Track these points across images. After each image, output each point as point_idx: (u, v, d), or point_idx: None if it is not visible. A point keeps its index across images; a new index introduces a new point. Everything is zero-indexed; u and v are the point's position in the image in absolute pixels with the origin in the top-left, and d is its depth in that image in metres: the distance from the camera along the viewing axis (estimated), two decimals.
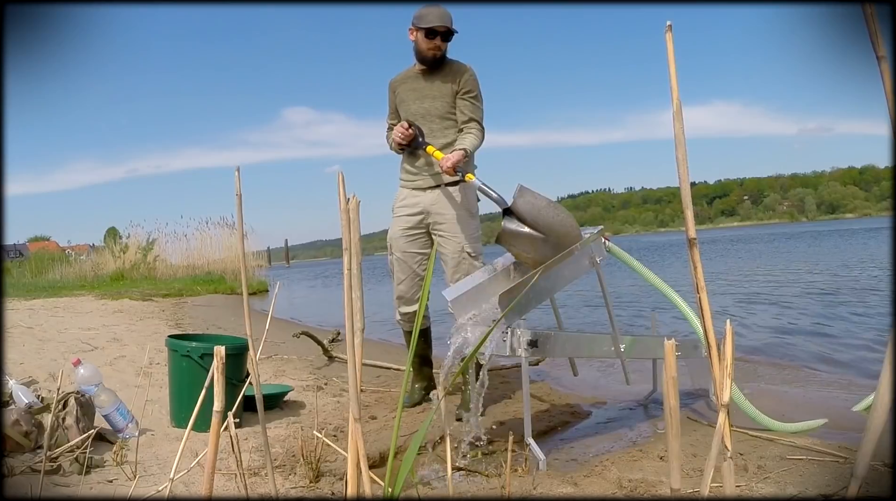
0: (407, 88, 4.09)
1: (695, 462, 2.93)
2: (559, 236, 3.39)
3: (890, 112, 1.12)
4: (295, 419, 3.89)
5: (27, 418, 3.01)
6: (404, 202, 4.12)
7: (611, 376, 5.04)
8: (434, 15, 3.89)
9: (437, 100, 4.01)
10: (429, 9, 3.92)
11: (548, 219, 3.39)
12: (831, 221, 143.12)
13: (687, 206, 1.15)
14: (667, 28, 1.11)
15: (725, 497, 1.16)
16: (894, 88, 1.13)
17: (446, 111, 4.02)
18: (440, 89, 4.01)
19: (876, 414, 1.16)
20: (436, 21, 3.88)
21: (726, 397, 1.12)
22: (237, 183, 1.52)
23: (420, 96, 4.04)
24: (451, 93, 4.01)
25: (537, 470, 2.92)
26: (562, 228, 3.42)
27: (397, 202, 4.16)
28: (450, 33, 3.95)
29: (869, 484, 2.39)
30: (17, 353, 5.94)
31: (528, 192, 3.43)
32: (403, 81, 4.13)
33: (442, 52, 3.98)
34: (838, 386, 4.52)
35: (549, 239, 3.38)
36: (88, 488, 2.61)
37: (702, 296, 1.15)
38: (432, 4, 3.95)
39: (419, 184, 4.07)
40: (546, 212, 3.41)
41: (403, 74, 4.16)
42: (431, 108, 4.01)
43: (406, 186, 4.14)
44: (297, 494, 2.62)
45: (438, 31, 3.90)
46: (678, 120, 1.13)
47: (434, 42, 3.92)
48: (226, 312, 11.69)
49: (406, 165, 4.15)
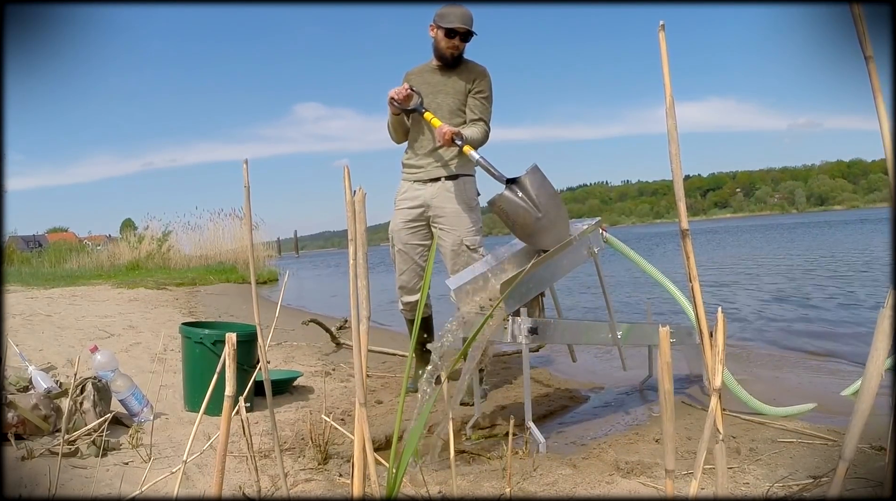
0: (422, 80, 4.06)
1: (689, 444, 2.94)
2: (551, 221, 3.38)
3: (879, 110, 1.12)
4: (304, 404, 3.90)
5: (46, 402, 3.02)
6: (405, 195, 4.12)
7: (608, 362, 5.04)
8: (455, 15, 3.89)
9: (451, 96, 4.01)
10: (451, 8, 3.91)
11: (548, 202, 3.37)
12: (820, 212, 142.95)
13: (680, 198, 1.15)
14: (660, 28, 1.11)
15: (716, 497, 1.17)
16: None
17: (458, 107, 4.01)
18: (454, 86, 4.01)
19: (863, 399, 1.16)
20: (457, 22, 3.88)
21: (718, 382, 1.12)
22: (245, 175, 1.52)
23: (434, 90, 4.02)
24: (464, 91, 4.01)
25: (537, 453, 2.92)
26: (556, 216, 3.41)
27: (399, 195, 4.16)
28: (469, 34, 3.94)
29: (857, 466, 2.39)
30: (37, 340, 5.96)
31: (541, 173, 3.42)
32: (419, 74, 4.11)
33: (460, 52, 3.99)
34: (827, 372, 4.52)
35: (542, 221, 3.35)
36: (105, 470, 2.62)
37: (694, 285, 1.15)
38: (455, 4, 3.93)
39: (420, 177, 4.06)
40: (550, 196, 3.39)
41: (420, 68, 4.14)
42: (444, 103, 4.00)
43: (407, 179, 4.13)
44: (307, 476, 2.63)
45: (458, 31, 3.89)
46: (671, 116, 1.12)
47: (453, 42, 3.93)
48: (238, 300, 11.70)
49: (408, 159, 4.14)
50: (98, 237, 33.26)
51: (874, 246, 17.23)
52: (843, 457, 1.17)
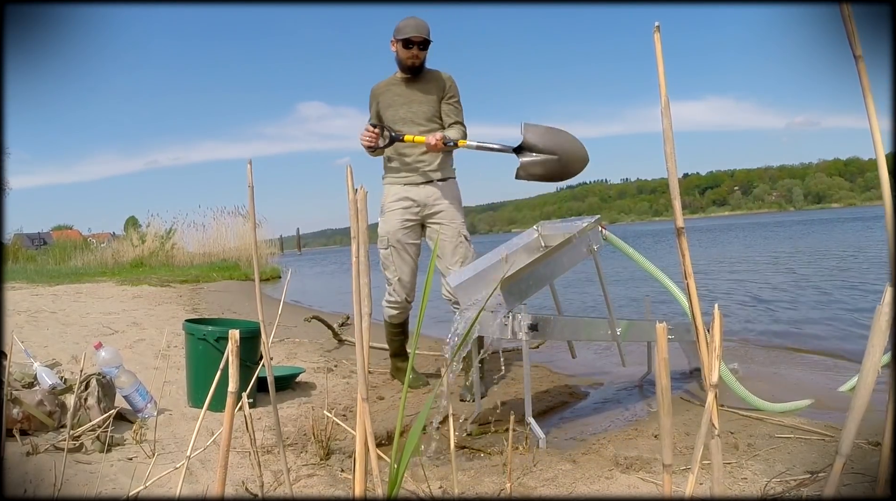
0: (392, 93, 4.22)
1: (687, 439, 2.94)
2: (567, 152, 3.89)
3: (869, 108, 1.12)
4: (306, 400, 3.90)
5: (51, 398, 3.02)
6: (397, 197, 4.22)
7: (607, 358, 5.04)
8: (410, 27, 4.04)
9: (424, 104, 4.17)
10: (406, 21, 4.07)
11: (555, 140, 3.87)
12: (818, 210, 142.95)
13: (675, 197, 1.15)
14: (655, 29, 1.11)
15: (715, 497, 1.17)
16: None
17: (432, 114, 4.18)
18: (426, 94, 4.18)
19: (860, 395, 1.16)
20: (412, 32, 4.03)
21: (714, 377, 1.13)
22: (249, 175, 1.52)
23: (408, 100, 4.18)
24: (436, 98, 4.19)
25: (537, 448, 2.93)
26: (568, 143, 3.91)
27: (388, 199, 4.26)
28: (426, 43, 4.10)
29: (853, 462, 2.40)
30: (42, 337, 5.97)
31: (532, 125, 3.88)
32: (387, 88, 4.26)
33: (421, 61, 4.14)
34: (824, 368, 4.52)
35: (562, 157, 3.86)
36: (109, 465, 2.63)
37: (689, 282, 1.15)
38: (410, 17, 4.09)
39: (412, 180, 4.20)
40: (550, 135, 3.89)
41: (387, 82, 4.29)
42: (419, 110, 4.17)
43: (396, 183, 4.25)
44: (309, 471, 2.63)
45: (415, 41, 4.06)
46: (666, 116, 1.13)
47: (412, 52, 4.08)
48: (240, 297, 11.71)
49: (394, 166, 4.27)
50: (102, 235, 33.27)
51: (871, 243, 17.22)
52: (840, 453, 1.17)
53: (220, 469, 1.23)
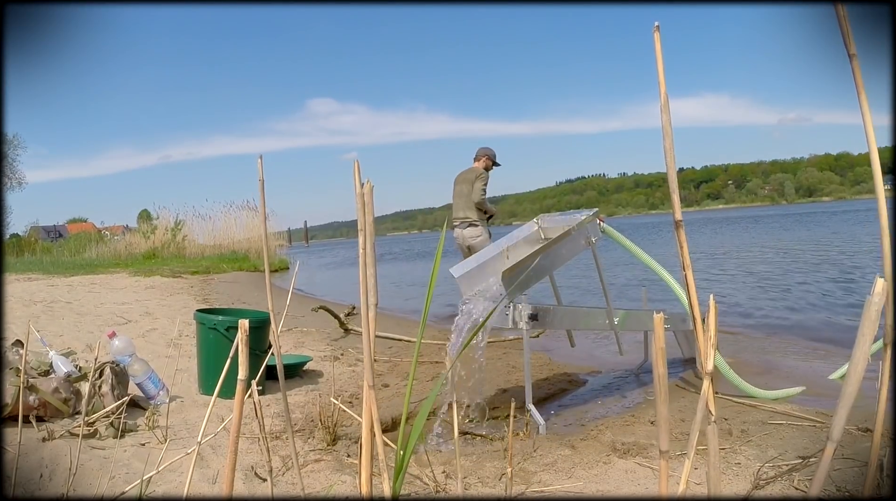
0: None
1: (683, 426, 2.94)
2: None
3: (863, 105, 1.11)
4: (313, 387, 3.91)
5: (66, 386, 3.03)
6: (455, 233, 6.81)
7: (605, 347, 5.05)
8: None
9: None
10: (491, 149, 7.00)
11: None
12: (809, 203, 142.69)
13: (673, 191, 1.15)
14: (654, 29, 1.10)
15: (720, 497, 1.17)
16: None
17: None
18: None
19: (850, 382, 1.16)
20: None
21: (710, 366, 1.13)
22: (260, 170, 1.52)
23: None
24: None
25: (537, 434, 2.93)
26: None
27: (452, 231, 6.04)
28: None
29: (844, 447, 2.40)
30: (58, 326, 5.98)
31: None
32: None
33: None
34: (816, 356, 4.52)
35: None
36: (122, 451, 2.63)
37: (687, 273, 1.15)
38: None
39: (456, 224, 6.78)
40: None
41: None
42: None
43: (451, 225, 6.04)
44: (316, 456, 2.63)
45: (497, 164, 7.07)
46: (665, 112, 1.12)
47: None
48: (250, 288, 11.72)
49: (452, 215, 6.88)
50: (116, 228, 33.28)
51: (862, 235, 17.19)
52: (831, 438, 1.17)
53: (230, 455, 1.24)
